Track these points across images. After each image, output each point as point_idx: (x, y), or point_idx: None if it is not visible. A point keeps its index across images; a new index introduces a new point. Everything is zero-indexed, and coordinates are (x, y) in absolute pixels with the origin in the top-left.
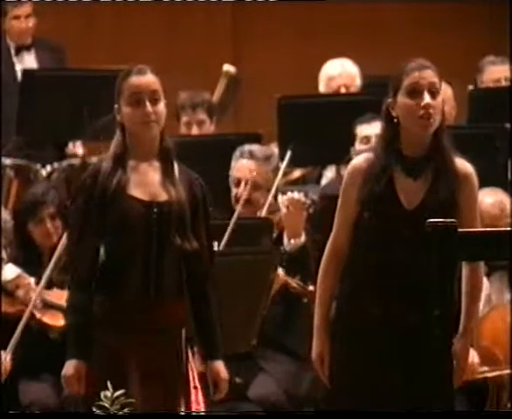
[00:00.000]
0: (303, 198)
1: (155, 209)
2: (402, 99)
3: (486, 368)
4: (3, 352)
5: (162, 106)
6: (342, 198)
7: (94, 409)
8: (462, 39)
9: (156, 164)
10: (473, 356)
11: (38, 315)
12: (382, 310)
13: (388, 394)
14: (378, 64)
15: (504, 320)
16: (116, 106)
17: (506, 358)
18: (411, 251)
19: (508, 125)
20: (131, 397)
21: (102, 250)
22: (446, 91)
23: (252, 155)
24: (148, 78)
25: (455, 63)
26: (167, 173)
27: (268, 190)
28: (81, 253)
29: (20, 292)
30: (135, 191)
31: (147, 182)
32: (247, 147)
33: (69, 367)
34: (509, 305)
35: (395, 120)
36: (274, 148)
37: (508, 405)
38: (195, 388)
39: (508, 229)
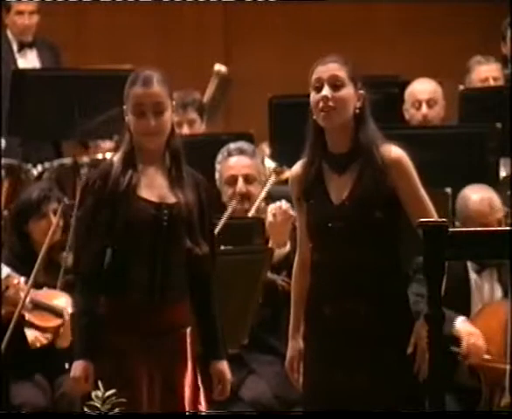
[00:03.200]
0: (290, 210)
1: (165, 211)
2: (311, 94)
3: (489, 357)
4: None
5: (166, 117)
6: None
7: (85, 409)
8: (454, 39)
9: (164, 167)
10: (479, 338)
11: (27, 316)
12: (332, 308)
13: (350, 394)
14: (370, 64)
15: (497, 318)
16: (124, 107)
17: (499, 356)
18: (346, 246)
19: (499, 124)
20: (137, 398)
21: (109, 252)
22: (436, 90)
23: (241, 151)
24: (152, 90)
25: (447, 63)
26: (175, 175)
27: (261, 183)
28: (89, 255)
29: (10, 292)
30: (145, 193)
31: (155, 184)
32: (233, 146)
33: (76, 367)
34: (503, 303)
35: (314, 117)
36: (266, 148)
37: (501, 404)
38: (198, 388)
39: (498, 228)
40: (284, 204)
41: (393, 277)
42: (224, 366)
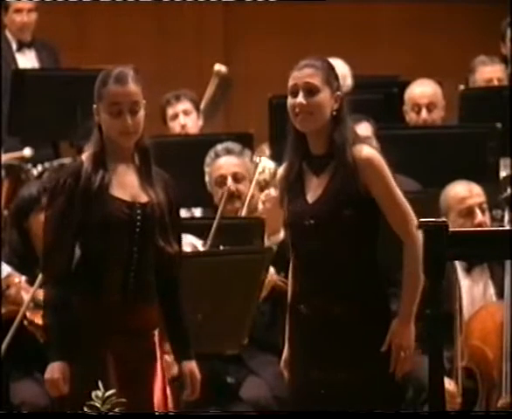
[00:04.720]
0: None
1: (139, 211)
2: (288, 98)
3: (460, 400)
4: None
5: (140, 115)
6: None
7: (85, 409)
8: (454, 40)
9: (133, 165)
10: (450, 384)
11: (28, 314)
12: (308, 307)
13: (327, 393)
14: (370, 64)
15: (494, 319)
16: (95, 106)
17: (495, 357)
18: (320, 244)
19: (499, 124)
20: None
21: (78, 250)
22: (436, 93)
23: (228, 151)
24: (129, 89)
25: (447, 63)
26: (145, 174)
27: (250, 181)
28: (59, 253)
29: (11, 292)
30: (117, 192)
31: (126, 182)
32: (220, 147)
33: (54, 369)
34: (499, 304)
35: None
36: (266, 149)
37: (498, 405)
38: (164, 388)
39: (498, 228)
40: (273, 191)
41: (369, 275)
42: (193, 365)
